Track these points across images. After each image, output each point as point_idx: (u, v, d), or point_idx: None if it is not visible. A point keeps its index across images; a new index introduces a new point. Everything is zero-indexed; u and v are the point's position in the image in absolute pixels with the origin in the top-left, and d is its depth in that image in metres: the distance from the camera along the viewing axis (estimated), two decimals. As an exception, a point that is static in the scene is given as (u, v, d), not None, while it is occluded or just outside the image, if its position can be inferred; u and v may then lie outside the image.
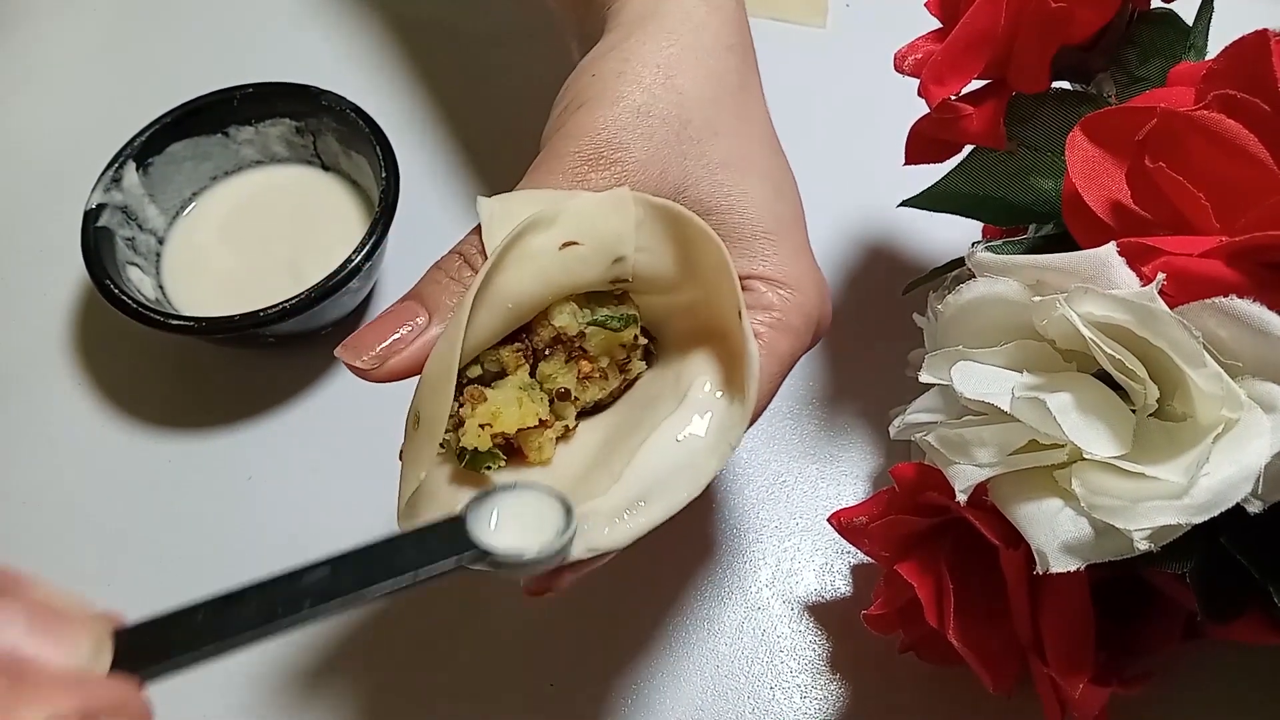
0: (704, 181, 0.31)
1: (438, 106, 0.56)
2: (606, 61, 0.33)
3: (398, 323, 0.29)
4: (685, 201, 0.31)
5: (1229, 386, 0.27)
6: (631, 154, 0.31)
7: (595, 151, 0.30)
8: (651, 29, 0.33)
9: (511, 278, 0.28)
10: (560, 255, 0.28)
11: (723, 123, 0.32)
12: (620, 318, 0.30)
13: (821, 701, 0.40)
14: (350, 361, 0.28)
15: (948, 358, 0.31)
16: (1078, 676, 0.32)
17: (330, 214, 0.49)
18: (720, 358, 0.30)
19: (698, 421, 0.29)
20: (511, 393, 0.29)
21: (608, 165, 0.30)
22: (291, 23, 0.60)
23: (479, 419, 0.28)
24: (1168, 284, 0.27)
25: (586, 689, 0.40)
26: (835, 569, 0.43)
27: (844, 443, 0.46)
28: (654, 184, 0.31)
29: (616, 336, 0.30)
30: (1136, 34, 0.36)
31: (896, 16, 0.42)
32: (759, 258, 0.32)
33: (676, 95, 0.32)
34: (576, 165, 0.30)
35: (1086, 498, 0.28)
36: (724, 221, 0.32)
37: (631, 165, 0.31)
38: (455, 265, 0.30)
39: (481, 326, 0.28)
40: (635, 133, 0.31)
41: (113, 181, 0.47)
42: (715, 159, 0.32)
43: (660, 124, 0.31)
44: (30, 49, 0.60)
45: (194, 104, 0.49)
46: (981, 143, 0.37)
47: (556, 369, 0.29)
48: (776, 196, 0.33)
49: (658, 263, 0.30)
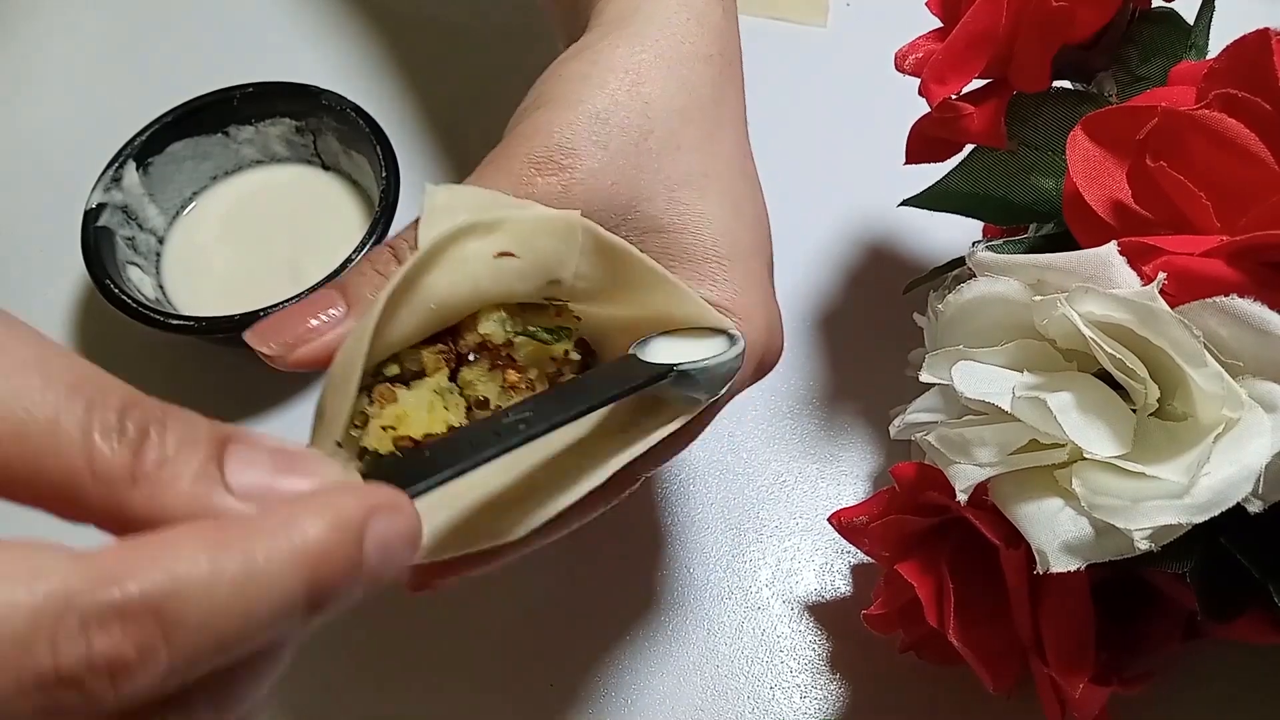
0: (659, 198, 0.30)
1: (438, 106, 0.56)
2: (575, 63, 0.32)
3: (313, 311, 0.27)
4: (639, 217, 0.30)
5: (1230, 386, 0.27)
6: (582, 161, 0.29)
7: (545, 155, 0.29)
8: (627, 33, 0.32)
9: (439, 278, 0.27)
10: (494, 263, 0.27)
11: (687, 137, 0.31)
12: (553, 331, 0.29)
13: (821, 701, 0.40)
14: (258, 346, 0.27)
15: (948, 357, 0.31)
16: (1078, 676, 0.32)
17: (330, 213, 0.49)
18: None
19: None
20: (425, 396, 0.27)
21: (556, 170, 0.29)
22: (291, 22, 0.60)
23: (384, 420, 0.26)
24: (1168, 283, 0.27)
25: (586, 689, 0.40)
26: (835, 569, 0.42)
27: (844, 442, 0.46)
28: (604, 195, 0.30)
29: (547, 349, 0.29)
30: (1137, 33, 0.36)
31: (897, 16, 0.42)
32: (707, 282, 0.30)
33: (641, 104, 0.31)
34: (524, 168, 0.29)
35: (1087, 497, 0.28)
36: (675, 241, 0.30)
37: (581, 173, 0.29)
38: (384, 259, 0.28)
39: (403, 324, 0.27)
40: (589, 139, 0.30)
41: (113, 181, 0.47)
42: (674, 175, 0.31)
43: (618, 132, 0.30)
44: (31, 48, 0.60)
45: (194, 103, 0.49)
46: (982, 142, 0.37)
47: (478, 376, 0.28)
48: (735, 220, 0.31)
49: (597, 290, 0.29)
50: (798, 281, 0.49)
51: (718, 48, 0.33)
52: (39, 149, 0.56)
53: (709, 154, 0.32)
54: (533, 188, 0.29)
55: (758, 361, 0.32)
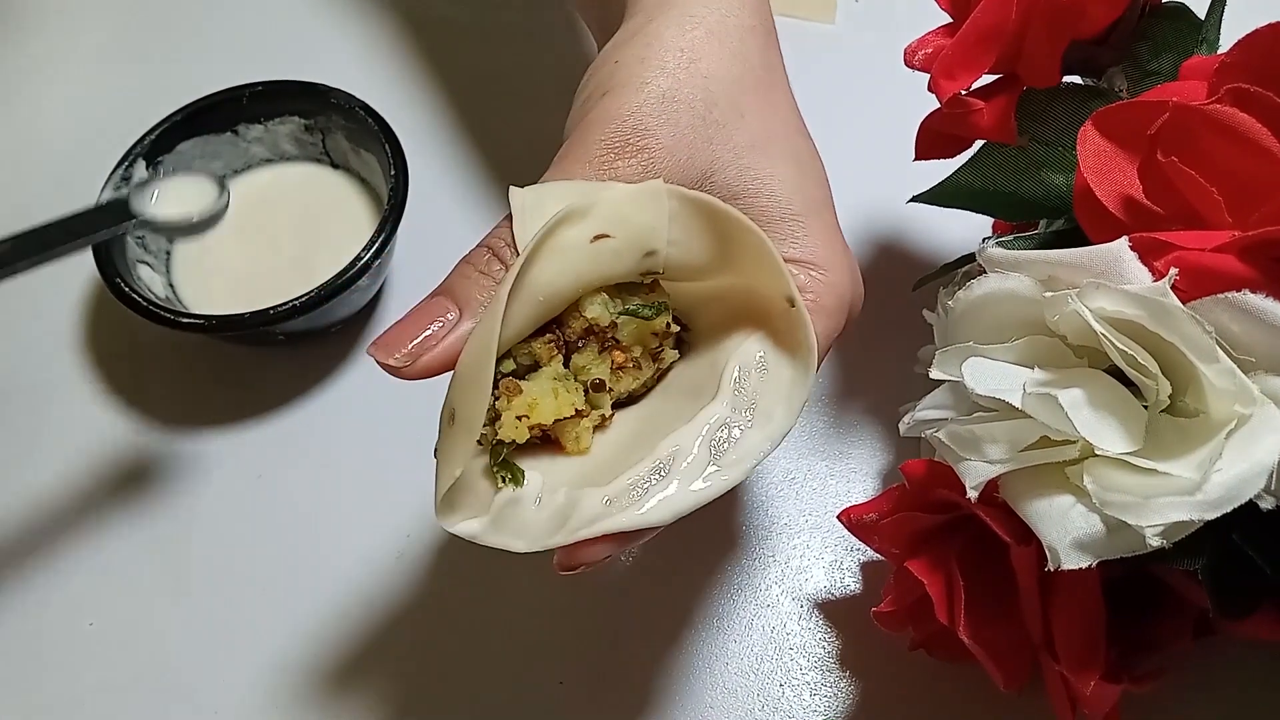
0: (730, 166, 0.31)
1: (447, 104, 0.56)
2: (629, 48, 0.32)
3: (428, 319, 0.28)
4: (712, 187, 0.31)
5: (1241, 382, 0.27)
6: (658, 140, 0.30)
7: (622, 139, 0.30)
8: (674, 14, 0.33)
9: (543, 270, 0.28)
10: (592, 248, 0.28)
11: (747, 104, 0.32)
12: (651, 306, 0.30)
13: (831, 699, 0.40)
14: (383, 360, 0.28)
15: (958, 354, 0.31)
16: (1089, 674, 0.32)
17: (340, 212, 0.50)
18: (757, 341, 0.30)
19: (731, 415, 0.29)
20: (547, 384, 0.29)
21: (635, 152, 0.30)
22: (301, 21, 0.60)
23: (515, 410, 0.28)
24: (1180, 279, 0.27)
25: (596, 686, 0.40)
26: (845, 566, 0.42)
27: (853, 439, 0.46)
28: (681, 170, 0.31)
29: (648, 325, 0.30)
30: (1148, 28, 0.36)
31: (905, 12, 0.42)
32: (788, 240, 0.31)
33: (701, 79, 0.32)
34: (603, 153, 0.30)
35: (1098, 494, 0.28)
36: (752, 205, 0.31)
37: (658, 152, 0.30)
38: (484, 259, 0.30)
39: (514, 319, 0.28)
40: (661, 119, 0.31)
41: (123, 180, 0.47)
42: (741, 142, 0.32)
43: (685, 109, 0.31)
44: (40, 48, 0.60)
45: (203, 102, 0.49)
46: (992, 137, 0.37)
47: (590, 360, 0.29)
48: (803, 177, 0.33)
49: (691, 254, 0.30)
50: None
51: (758, 18, 0.34)
52: (49, 148, 0.56)
53: (769, 118, 0.33)
54: (614, 172, 0.30)
55: (849, 311, 0.33)
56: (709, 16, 0.33)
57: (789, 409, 0.29)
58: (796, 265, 0.31)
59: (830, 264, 0.31)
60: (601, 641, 0.41)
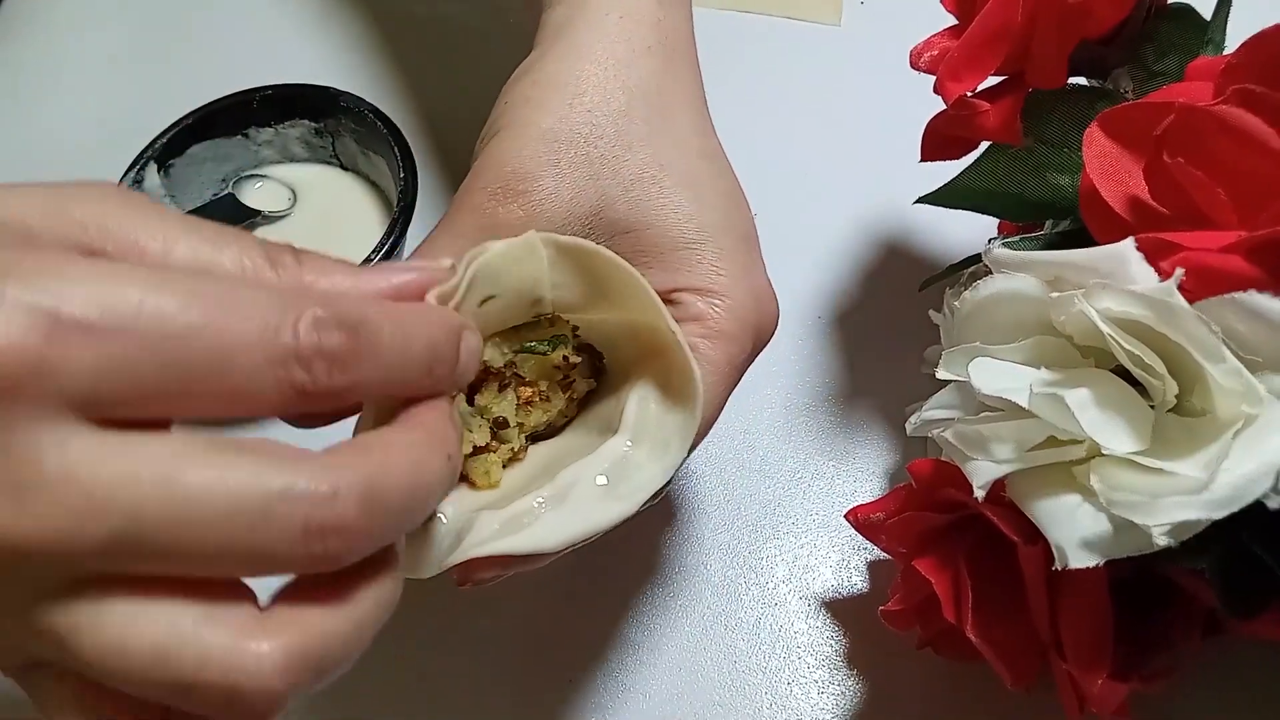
0: (619, 200, 0.31)
1: (455, 107, 0.56)
2: (519, 86, 0.33)
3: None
4: (602, 222, 0.31)
5: (1248, 381, 0.27)
6: (540, 184, 0.30)
7: (503, 185, 0.30)
8: (562, 47, 0.33)
9: None
10: (481, 311, 0.28)
11: (635, 134, 0.32)
12: (548, 341, 0.30)
13: (838, 697, 0.40)
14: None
15: (965, 354, 0.31)
16: (1096, 672, 0.32)
17: (349, 214, 0.50)
18: (659, 375, 0.30)
19: (624, 455, 0.29)
20: None
21: (514, 197, 0.30)
22: (310, 25, 0.60)
23: None
24: (1186, 279, 0.27)
25: (604, 684, 0.40)
26: (852, 565, 0.43)
27: (860, 439, 0.46)
28: (566, 210, 0.31)
29: (546, 360, 0.30)
30: (1154, 29, 0.36)
31: (911, 14, 0.42)
32: (682, 270, 0.31)
33: (585, 114, 0.31)
34: (484, 203, 0.30)
35: (1105, 493, 0.28)
36: (642, 238, 0.31)
37: (540, 195, 0.30)
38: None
39: None
40: (542, 160, 0.31)
41: (135, 183, 0.47)
42: (629, 174, 0.31)
43: (567, 147, 0.31)
44: (52, 53, 0.60)
45: (214, 106, 0.49)
46: (998, 139, 0.37)
47: (490, 399, 0.30)
48: (697, 203, 0.32)
49: (574, 295, 0.30)
50: (813, 279, 0.50)
51: (655, 39, 0.33)
52: (61, 152, 0.56)
53: (659, 146, 0.32)
54: (495, 219, 0.30)
55: (754, 335, 0.32)
56: (597, 46, 0.32)
57: (682, 441, 0.29)
58: (693, 293, 0.31)
59: (729, 289, 0.31)
60: (610, 640, 0.41)
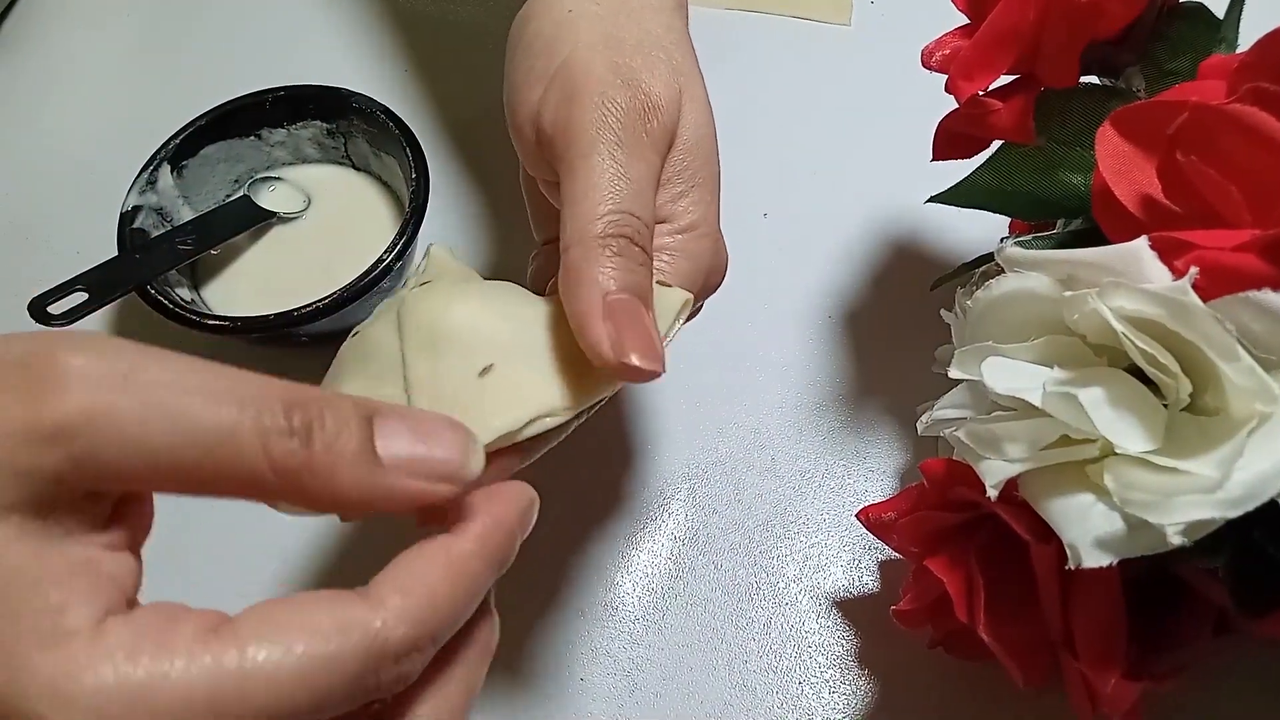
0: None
1: (466, 108, 0.56)
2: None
3: (645, 318, 0.30)
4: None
5: (1263, 380, 0.27)
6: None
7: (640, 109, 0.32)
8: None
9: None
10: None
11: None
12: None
13: (850, 697, 0.40)
14: (654, 368, 0.28)
15: (977, 353, 0.31)
16: (1109, 672, 0.32)
17: (362, 214, 0.50)
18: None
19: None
20: None
21: (652, 114, 0.32)
22: (322, 26, 0.61)
23: None
24: (1200, 278, 0.27)
25: (614, 683, 0.41)
26: (863, 565, 0.43)
27: (871, 438, 0.46)
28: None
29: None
30: (1166, 28, 0.36)
31: (921, 13, 0.42)
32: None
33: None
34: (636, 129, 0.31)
35: (1119, 492, 0.28)
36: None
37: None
38: (624, 249, 0.31)
39: None
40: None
41: (148, 184, 0.48)
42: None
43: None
44: (65, 54, 0.61)
45: (227, 107, 0.50)
46: (1010, 138, 0.37)
47: None
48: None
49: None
50: (823, 279, 0.50)
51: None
52: (75, 153, 0.57)
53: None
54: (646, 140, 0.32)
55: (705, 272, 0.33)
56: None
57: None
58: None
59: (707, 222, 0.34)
60: (620, 638, 0.42)
